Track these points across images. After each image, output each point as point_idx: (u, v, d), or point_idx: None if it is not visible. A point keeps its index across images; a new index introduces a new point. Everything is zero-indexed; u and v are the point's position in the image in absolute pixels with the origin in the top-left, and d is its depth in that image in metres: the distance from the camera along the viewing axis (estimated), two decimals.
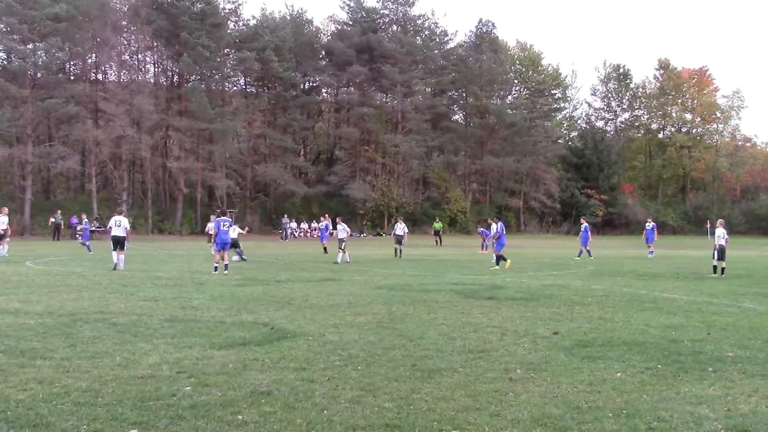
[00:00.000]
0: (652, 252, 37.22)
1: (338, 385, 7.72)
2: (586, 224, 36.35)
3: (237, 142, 77.89)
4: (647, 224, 39.01)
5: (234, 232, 28.37)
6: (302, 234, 68.45)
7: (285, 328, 11.64)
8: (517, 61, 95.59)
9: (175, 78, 75.78)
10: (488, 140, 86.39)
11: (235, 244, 28.93)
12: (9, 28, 60.58)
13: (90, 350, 9.52)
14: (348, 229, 31.56)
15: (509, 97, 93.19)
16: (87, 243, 36.34)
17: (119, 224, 24.97)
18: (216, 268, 23.37)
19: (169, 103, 72.15)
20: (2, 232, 31.72)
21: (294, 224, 67.07)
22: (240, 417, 6.50)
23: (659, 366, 8.92)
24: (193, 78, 72.51)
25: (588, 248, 35.51)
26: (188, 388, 7.49)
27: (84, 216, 41.32)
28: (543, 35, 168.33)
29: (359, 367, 8.68)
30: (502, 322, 12.51)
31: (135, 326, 11.56)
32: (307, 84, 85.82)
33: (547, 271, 26.47)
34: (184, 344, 10.03)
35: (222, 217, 24.82)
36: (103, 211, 60.99)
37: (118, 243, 24.77)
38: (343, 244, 30.42)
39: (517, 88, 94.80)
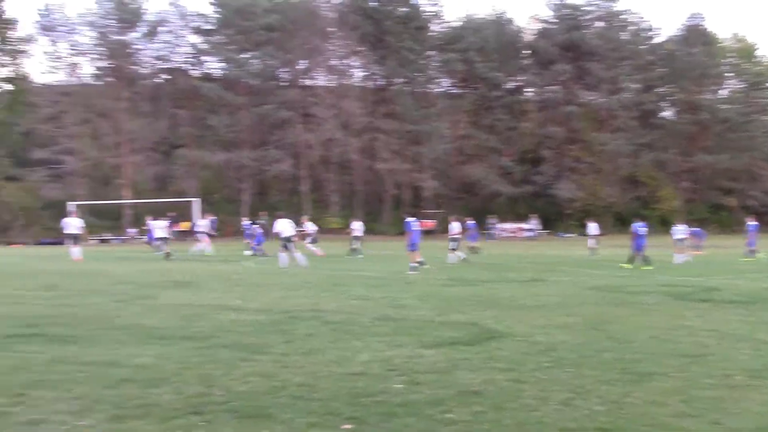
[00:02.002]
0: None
1: (547, 387, 7.62)
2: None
3: (442, 143, 78.50)
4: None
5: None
6: (509, 234, 67.92)
7: (493, 328, 11.57)
8: (729, 54, 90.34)
9: (381, 81, 77.45)
10: (700, 137, 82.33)
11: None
12: (228, 39, 64.21)
13: (305, 347, 9.88)
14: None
15: (722, 92, 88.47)
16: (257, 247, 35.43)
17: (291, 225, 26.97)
18: (415, 267, 23.95)
19: (375, 106, 73.77)
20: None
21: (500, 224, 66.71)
22: (450, 416, 6.53)
23: None
24: (398, 81, 73.84)
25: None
26: (399, 385, 7.61)
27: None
28: (755, 25, 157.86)
29: (569, 369, 8.50)
30: (719, 326, 11.80)
31: (347, 324, 11.88)
32: (510, 83, 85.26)
33: (767, 272, 24.89)
34: (395, 343, 10.19)
35: (412, 218, 25.79)
36: (315, 213, 62.02)
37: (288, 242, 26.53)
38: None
39: (731, 81, 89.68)
